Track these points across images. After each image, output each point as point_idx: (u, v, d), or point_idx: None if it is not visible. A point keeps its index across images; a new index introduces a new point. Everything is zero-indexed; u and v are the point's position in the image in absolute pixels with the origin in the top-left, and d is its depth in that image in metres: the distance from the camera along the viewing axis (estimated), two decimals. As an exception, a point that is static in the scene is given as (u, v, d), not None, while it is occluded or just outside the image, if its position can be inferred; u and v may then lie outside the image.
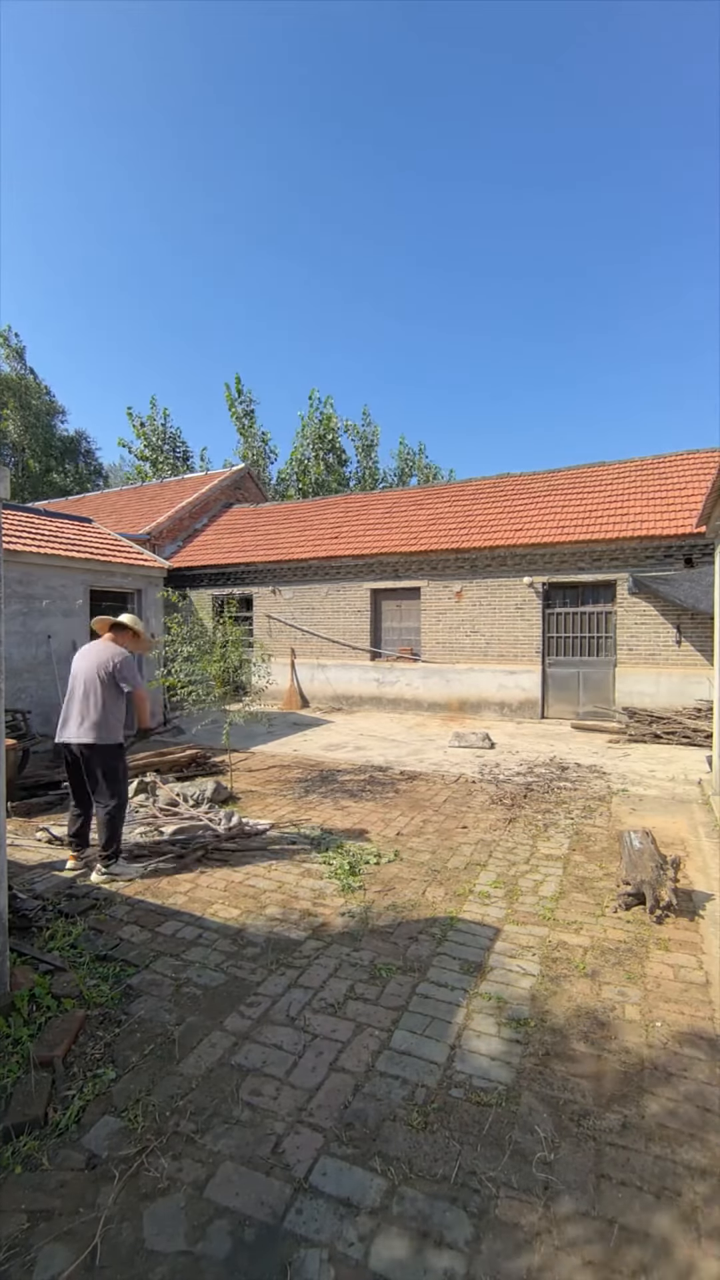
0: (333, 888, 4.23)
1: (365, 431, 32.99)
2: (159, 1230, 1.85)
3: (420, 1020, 2.80)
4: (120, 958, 3.32)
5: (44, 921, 3.68)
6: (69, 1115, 2.26)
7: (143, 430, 31.24)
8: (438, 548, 12.22)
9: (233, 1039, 2.69)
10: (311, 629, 13.83)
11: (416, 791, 6.74)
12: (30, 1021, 2.75)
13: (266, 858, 4.76)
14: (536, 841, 5.12)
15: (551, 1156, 2.09)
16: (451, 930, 3.63)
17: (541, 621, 11.53)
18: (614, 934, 3.58)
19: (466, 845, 5.06)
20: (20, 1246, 1.80)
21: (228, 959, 3.32)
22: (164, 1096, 2.37)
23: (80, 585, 9.61)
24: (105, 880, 4.31)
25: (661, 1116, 2.27)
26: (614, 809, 6.00)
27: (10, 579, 8.50)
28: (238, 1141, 2.16)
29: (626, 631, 10.82)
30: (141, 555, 11.20)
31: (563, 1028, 2.77)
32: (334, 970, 3.20)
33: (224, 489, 19.28)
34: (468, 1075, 2.47)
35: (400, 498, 15.70)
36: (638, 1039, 2.69)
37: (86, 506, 19.68)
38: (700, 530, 8.44)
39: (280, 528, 15.85)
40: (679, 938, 3.54)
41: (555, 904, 3.97)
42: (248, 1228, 1.86)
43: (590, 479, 13.09)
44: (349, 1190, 1.97)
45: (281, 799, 6.45)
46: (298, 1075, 2.47)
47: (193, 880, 4.35)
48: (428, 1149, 2.12)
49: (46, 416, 32.18)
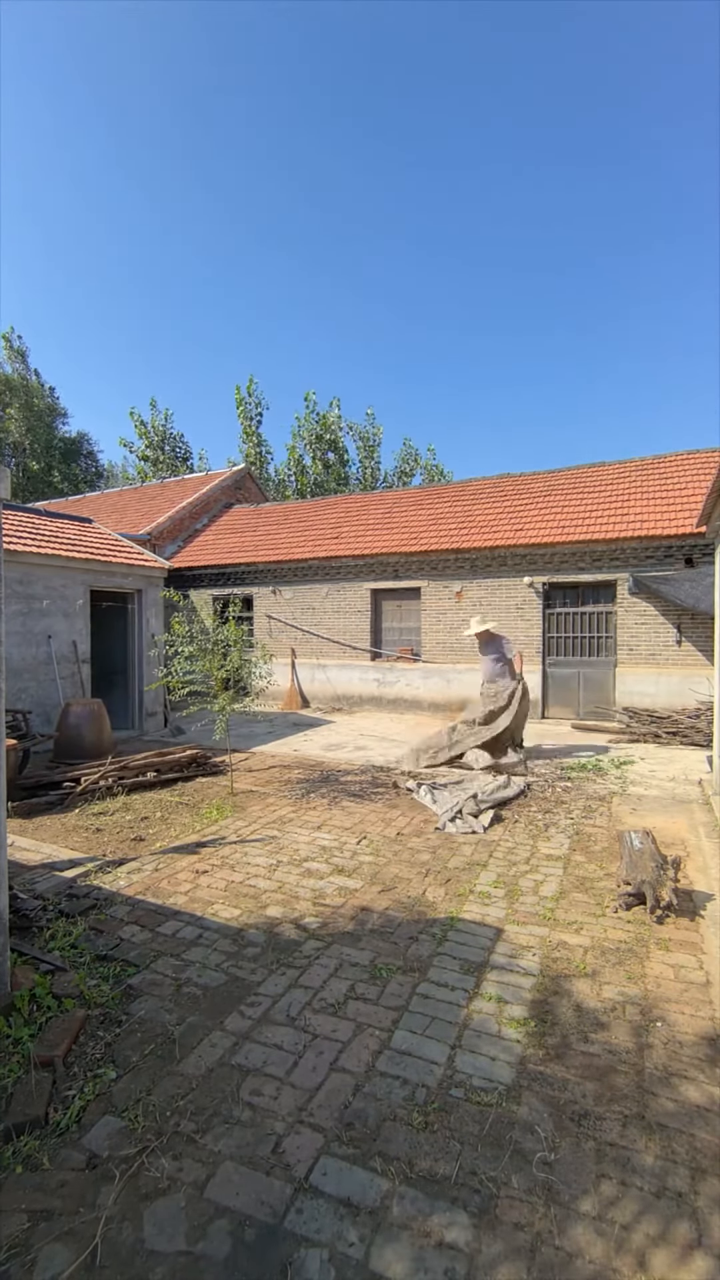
0: (333, 887, 4.23)
1: (368, 432, 32.99)
2: (159, 1230, 1.85)
3: (420, 1020, 2.80)
4: (121, 958, 3.33)
5: (44, 921, 3.69)
6: (69, 1115, 2.27)
7: (145, 430, 31.26)
8: (438, 548, 12.22)
9: (233, 1039, 2.69)
10: (312, 629, 13.83)
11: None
12: (31, 1021, 2.75)
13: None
14: (537, 841, 5.12)
15: (552, 1156, 2.09)
16: (452, 930, 3.63)
17: (541, 621, 11.53)
18: (614, 934, 3.58)
19: (467, 845, 5.06)
20: (21, 1246, 1.80)
21: (228, 959, 3.33)
22: (164, 1096, 2.37)
23: (80, 585, 9.62)
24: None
25: (662, 1116, 2.27)
26: (614, 809, 6.00)
27: (10, 579, 8.51)
28: (238, 1141, 2.16)
29: (627, 631, 10.82)
30: (142, 555, 11.20)
31: (563, 1028, 2.77)
32: (334, 970, 3.20)
33: (224, 489, 19.28)
34: (468, 1075, 2.47)
35: (400, 498, 15.70)
36: (638, 1039, 2.69)
37: (86, 506, 19.69)
38: (700, 530, 8.44)
39: (280, 528, 15.85)
40: (679, 938, 3.54)
41: (555, 904, 3.97)
42: (248, 1228, 1.86)
43: (590, 479, 13.09)
44: (349, 1190, 1.97)
45: (282, 799, 6.45)
46: (298, 1075, 2.47)
47: (193, 880, 4.36)
48: (428, 1149, 2.13)
49: (48, 417, 32.23)
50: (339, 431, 31.51)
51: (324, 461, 30.92)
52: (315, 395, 31.05)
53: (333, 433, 31.27)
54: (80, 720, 7.85)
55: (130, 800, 6.44)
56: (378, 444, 33.17)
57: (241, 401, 30.98)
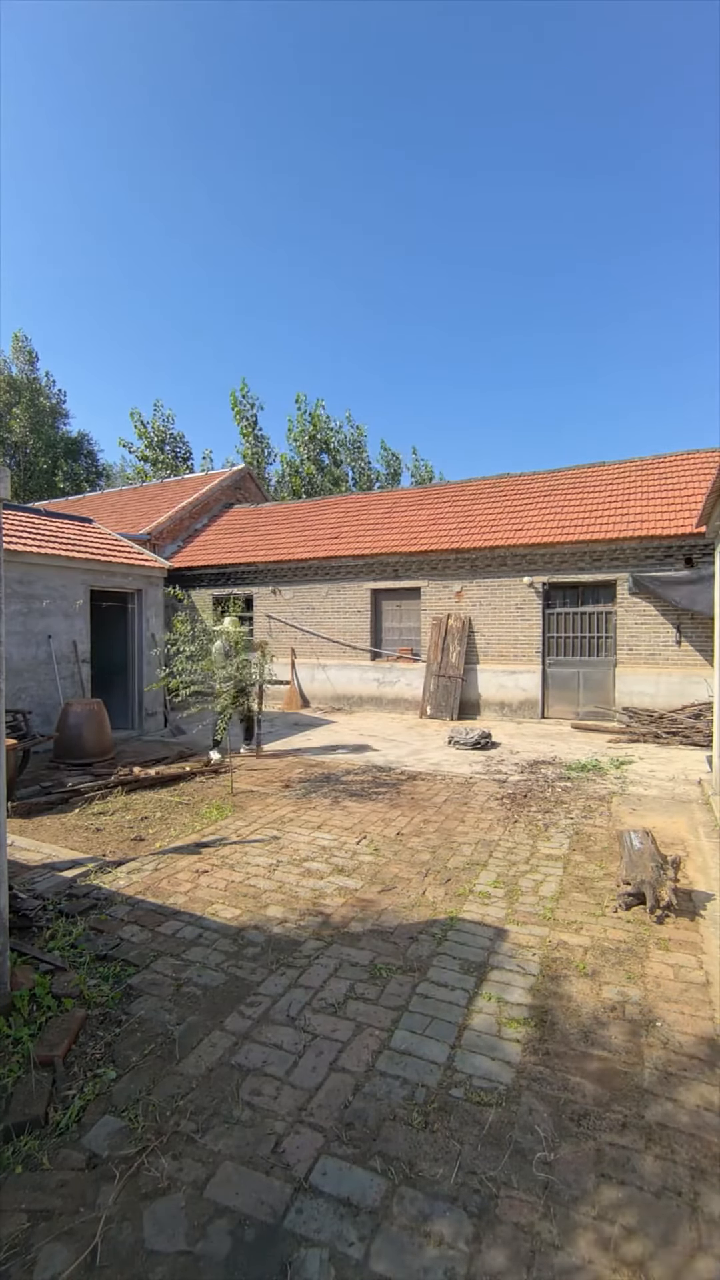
0: (333, 887, 4.23)
1: (350, 433, 33.27)
2: (159, 1230, 1.85)
3: (420, 1020, 2.80)
4: (120, 957, 3.33)
5: (44, 921, 3.69)
6: (69, 1115, 2.27)
7: (145, 431, 31.30)
8: (438, 548, 12.22)
9: (233, 1039, 2.69)
10: (312, 629, 13.83)
11: (417, 791, 6.74)
12: (31, 1021, 2.75)
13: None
14: (537, 841, 5.12)
15: (551, 1156, 2.09)
16: (452, 930, 3.64)
17: (541, 621, 11.53)
18: (614, 934, 3.58)
19: (467, 845, 5.06)
20: (21, 1246, 1.80)
21: (228, 959, 3.33)
22: (164, 1096, 2.37)
23: (80, 585, 9.62)
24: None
25: (661, 1116, 2.27)
26: (614, 809, 6.00)
27: (10, 579, 8.51)
28: (238, 1141, 2.16)
29: (626, 631, 10.82)
30: (142, 555, 11.20)
31: (563, 1027, 2.77)
32: (334, 970, 3.20)
33: (224, 489, 19.28)
34: (468, 1075, 2.47)
35: (400, 498, 15.70)
36: (638, 1039, 2.69)
37: (87, 506, 19.69)
38: (700, 530, 8.44)
39: (280, 528, 15.85)
40: (679, 937, 3.54)
41: (555, 904, 3.97)
42: (248, 1227, 1.86)
43: (590, 479, 13.09)
44: (349, 1190, 1.97)
45: (282, 799, 6.45)
46: (298, 1075, 2.47)
47: (193, 880, 4.36)
48: (428, 1149, 2.13)
49: (50, 417, 32.28)
50: (329, 431, 31.66)
51: (316, 463, 31.05)
52: (305, 396, 31.44)
53: (324, 432, 31.39)
54: (80, 720, 7.85)
55: (130, 800, 6.44)
56: (363, 445, 33.43)
57: (236, 404, 31.10)
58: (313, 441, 31.05)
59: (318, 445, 31.19)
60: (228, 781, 7.03)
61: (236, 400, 31.16)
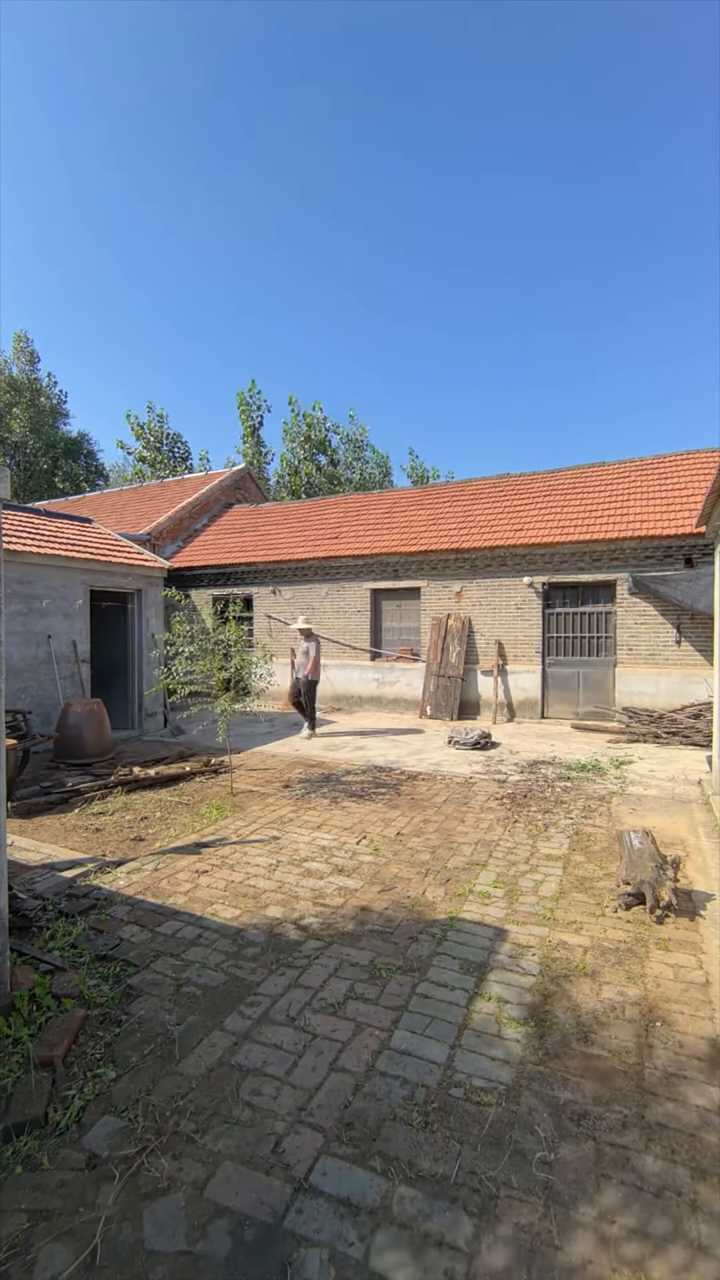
0: (333, 887, 4.23)
1: (351, 433, 33.24)
2: (159, 1230, 1.85)
3: (420, 1020, 2.80)
4: (120, 958, 3.33)
5: (44, 921, 3.68)
6: (69, 1115, 2.26)
7: (141, 432, 31.32)
8: (438, 548, 12.22)
9: (233, 1039, 2.69)
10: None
11: (417, 791, 6.74)
12: (30, 1021, 2.75)
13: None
14: (536, 841, 5.12)
15: (551, 1156, 2.09)
16: (451, 930, 3.63)
17: (541, 621, 11.53)
18: (614, 934, 3.58)
19: (467, 845, 5.06)
20: (20, 1246, 1.80)
21: (228, 959, 3.33)
22: (164, 1096, 2.37)
23: (80, 585, 9.62)
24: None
25: (662, 1116, 2.27)
26: (614, 809, 6.00)
27: (10, 579, 8.51)
28: (238, 1141, 2.16)
29: (626, 631, 10.82)
30: (141, 555, 11.20)
31: (563, 1027, 2.77)
32: (334, 970, 3.20)
33: (224, 489, 19.28)
34: (468, 1075, 2.47)
35: (400, 498, 15.70)
36: (638, 1039, 2.69)
37: (86, 506, 19.69)
38: (700, 530, 8.44)
39: (280, 528, 15.85)
40: (679, 938, 3.54)
41: (555, 904, 3.97)
42: (248, 1227, 1.86)
43: (590, 479, 13.09)
44: (349, 1190, 1.97)
45: (282, 799, 6.45)
46: (298, 1075, 2.47)
47: (193, 880, 4.36)
48: (428, 1149, 2.12)
49: (50, 417, 32.30)
50: (325, 430, 31.68)
51: (314, 464, 31.09)
52: (296, 398, 31.66)
53: (319, 432, 31.41)
54: (80, 720, 7.85)
55: (130, 800, 6.44)
56: (364, 444, 33.43)
57: (244, 403, 31.08)
58: (308, 442, 31.08)
59: (314, 446, 31.23)
60: (227, 781, 7.02)
61: (244, 400, 31.19)
